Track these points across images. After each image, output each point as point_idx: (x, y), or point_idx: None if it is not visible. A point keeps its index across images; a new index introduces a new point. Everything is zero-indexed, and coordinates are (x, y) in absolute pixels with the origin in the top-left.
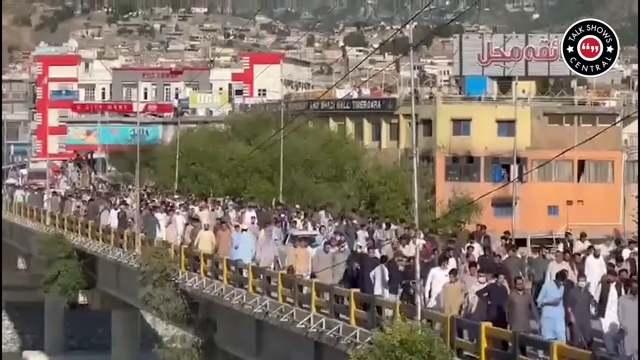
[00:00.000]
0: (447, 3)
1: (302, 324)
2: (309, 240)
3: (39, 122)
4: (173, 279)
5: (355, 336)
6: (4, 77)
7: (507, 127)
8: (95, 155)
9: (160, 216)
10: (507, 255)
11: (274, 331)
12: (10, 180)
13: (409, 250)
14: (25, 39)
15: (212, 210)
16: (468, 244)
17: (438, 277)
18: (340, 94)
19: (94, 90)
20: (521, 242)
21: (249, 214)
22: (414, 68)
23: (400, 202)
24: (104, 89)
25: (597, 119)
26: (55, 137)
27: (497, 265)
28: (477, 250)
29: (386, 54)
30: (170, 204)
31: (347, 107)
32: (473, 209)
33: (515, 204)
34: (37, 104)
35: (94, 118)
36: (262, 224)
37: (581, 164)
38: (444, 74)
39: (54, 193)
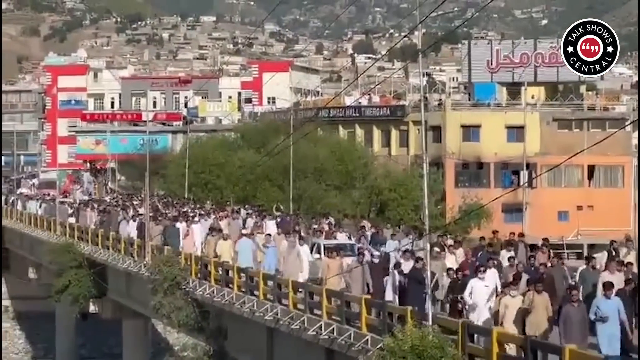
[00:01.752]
0: (455, 10)
1: (313, 331)
2: (340, 250)
3: (48, 132)
4: (183, 287)
5: (366, 342)
6: (13, 87)
7: (516, 133)
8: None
9: (182, 226)
10: (550, 265)
11: (285, 338)
12: (22, 190)
13: (449, 260)
14: (34, 49)
15: (234, 219)
16: (509, 254)
17: (477, 288)
18: (349, 101)
19: (103, 99)
20: (531, 248)
21: (271, 223)
22: (423, 75)
23: (410, 208)
24: (113, 98)
25: (606, 124)
26: (65, 146)
27: (540, 276)
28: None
29: (395, 61)
30: (192, 214)
31: (357, 114)
32: (483, 215)
33: (525, 209)
34: (47, 114)
35: (103, 127)
36: (284, 233)
37: (591, 169)
38: (453, 80)
39: (62, 203)
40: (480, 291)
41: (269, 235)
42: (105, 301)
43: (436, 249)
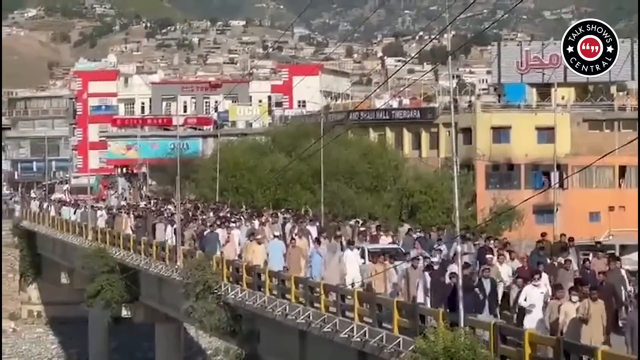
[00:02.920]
0: (484, 11)
1: (345, 333)
2: (388, 255)
3: (79, 137)
4: (215, 291)
5: (398, 345)
6: (44, 93)
7: (547, 134)
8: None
9: (222, 232)
10: (607, 269)
11: (317, 341)
12: (57, 195)
13: (502, 269)
14: (64, 55)
15: (273, 223)
16: (564, 258)
17: (532, 294)
18: (379, 104)
19: (133, 104)
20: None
21: (312, 229)
22: (453, 77)
23: (441, 211)
24: (143, 103)
25: (637, 124)
26: (96, 152)
27: (598, 281)
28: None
29: (425, 63)
30: (233, 219)
31: (387, 117)
32: (514, 217)
33: (557, 210)
34: (78, 119)
35: (134, 132)
36: (328, 238)
37: (622, 170)
38: (483, 82)
39: (93, 207)
40: (536, 297)
41: (317, 241)
42: (137, 306)
43: (489, 256)
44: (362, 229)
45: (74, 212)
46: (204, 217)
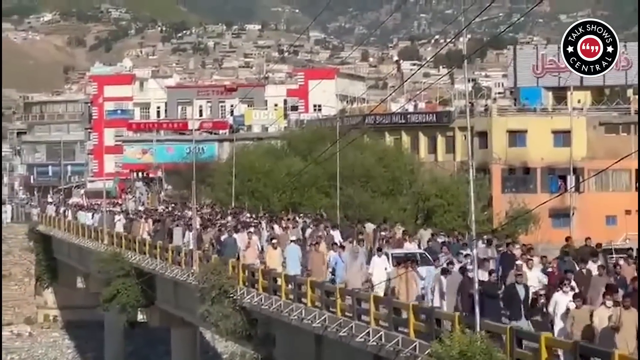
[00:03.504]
0: (500, 15)
1: (361, 337)
2: (413, 260)
3: (95, 141)
4: (231, 295)
5: (414, 349)
6: (60, 97)
7: (563, 137)
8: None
9: (242, 237)
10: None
11: (333, 345)
12: (75, 199)
13: (531, 274)
14: (80, 60)
15: (294, 228)
16: (597, 264)
17: (561, 302)
18: (395, 107)
19: (149, 109)
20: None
21: (335, 233)
22: (469, 80)
23: (456, 215)
24: (158, 107)
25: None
26: (112, 156)
27: (630, 287)
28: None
29: (440, 67)
30: (254, 223)
31: (403, 121)
32: (531, 220)
33: (573, 214)
34: (93, 123)
35: (150, 137)
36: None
37: (639, 173)
38: (499, 86)
39: (112, 212)
40: (564, 305)
41: (342, 247)
42: (153, 310)
43: (519, 262)
44: (383, 233)
45: (92, 217)
46: (223, 221)
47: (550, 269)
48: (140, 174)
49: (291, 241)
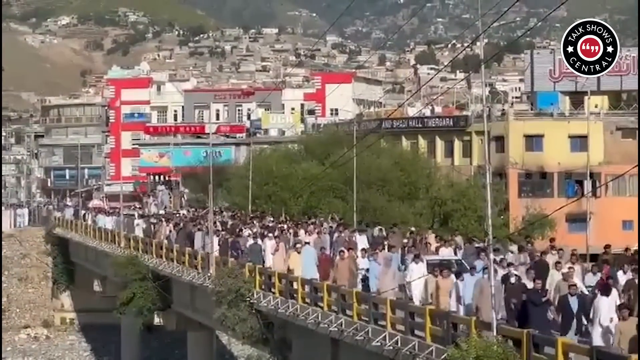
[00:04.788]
0: (517, 20)
1: (377, 341)
2: (449, 267)
3: (112, 145)
4: (248, 299)
5: (431, 353)
6: (77, 101)
7: (579, 142)
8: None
9: (270, 243)
10: None
11: (349, 350)
12: (95, 202)
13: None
14: (97, 63)
15: (319, 233)
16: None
17: (602, 309)
18: (412, 112)
19: (166, 112)
20: (595, 258)
21: (362, 238)
22: (485, 85)
23: (473, 219)
24: (176, 111)
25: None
26: (128, 159)
27: None
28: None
29: (457, 71)
30: (281, 229)
31: (420, 125)
32: (547, 225)
33: (590, 219)
34: (110, 127)
35: (167, 140)
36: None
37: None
38: (516, 90)
39: (127, 215)
40: (607, 311)
41: (375, 253)
42: (169, 313)
43: (564, 270)
44: (411, 238)
45: (110, 220)
46: (243, 227)
47: (599, 275)
48: (160, 177)
49: (306, 243)
